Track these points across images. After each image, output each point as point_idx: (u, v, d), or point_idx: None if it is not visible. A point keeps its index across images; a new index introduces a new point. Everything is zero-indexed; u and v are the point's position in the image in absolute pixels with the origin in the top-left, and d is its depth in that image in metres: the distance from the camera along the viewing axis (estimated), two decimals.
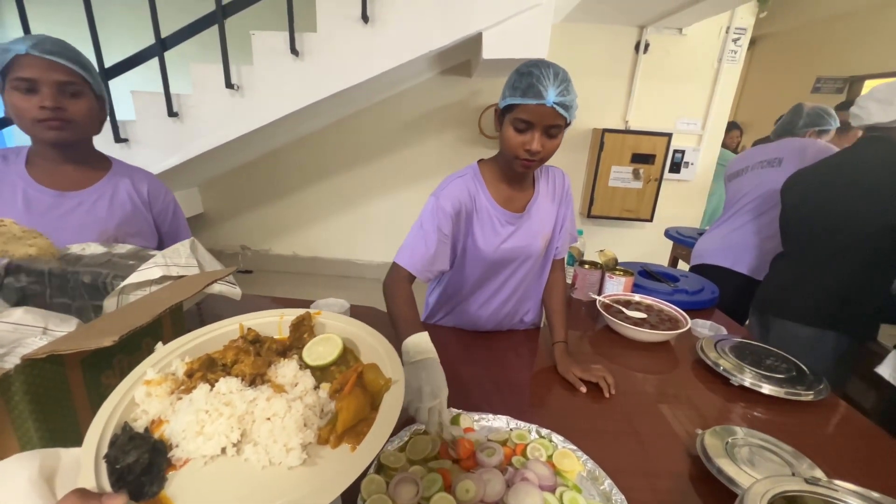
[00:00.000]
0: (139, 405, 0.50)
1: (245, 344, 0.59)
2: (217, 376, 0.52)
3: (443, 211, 0.99)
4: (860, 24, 4.05)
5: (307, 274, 3.78)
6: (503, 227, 1.06)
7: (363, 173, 3.54)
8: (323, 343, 0.59)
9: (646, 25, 3.00)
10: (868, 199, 1.27)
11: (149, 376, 0.52)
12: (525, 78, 0.86)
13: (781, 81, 4.95)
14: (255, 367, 0.54)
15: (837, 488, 0.53)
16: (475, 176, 1.05)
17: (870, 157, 1.31)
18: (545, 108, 0.86)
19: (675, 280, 1.56)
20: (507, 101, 0.90)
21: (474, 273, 1.12)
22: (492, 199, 1.04)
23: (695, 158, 3.25)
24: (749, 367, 1.03)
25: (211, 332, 0.62)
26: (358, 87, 2.10)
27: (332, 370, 0.57)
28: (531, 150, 0.90)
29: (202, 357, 0.56)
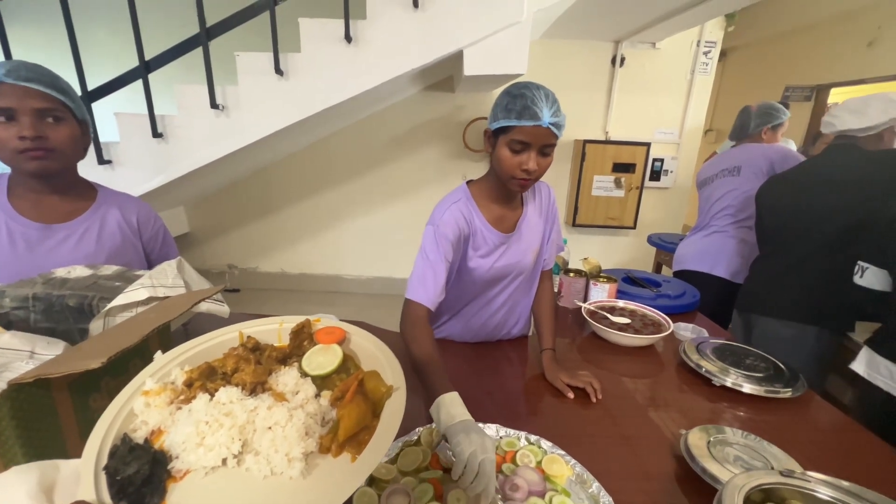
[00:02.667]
0: (138, 416, 0.50)
1: (245, 352, 0.58)
2: (217, 385, 0.52)
3: (446, 239, 0.99)
4: (823, 35, 4.26)
5: (295, 291, 3.76)
6: (496, 247, 1.07)
7: (350, 189, 3.56)
8: (323, 352, 0.59)
9: (621, 40, 3.11)
10: (841, 201, 1.34)
11: (147, 386, 0.52)
12: (519, 100, 0.88)
13: (753, 91, 5.14)
14: (255, 375, 0.53)
15: (810, 479, 0.55)
16: (468, 199, 1.05)
17: (840, 161, 1.38)
18: (541, 129, 0.88)
19: (658, 285, 1.60)
20: (503, 123, 0.91)
21: (466, 291, 1.14)
22: (485, 220, 1.05)
23: (673, 166, 3.34)
24: (730, 367, 1.06)
25: (210, 340, 0.62)
26: (342, 105, 2.13)
27: (334, 378, 0.57)
28: (528, 169, 0.91)
29: (202, 366, 0.55)
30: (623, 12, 2.47)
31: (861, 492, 0.53)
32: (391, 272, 3.64)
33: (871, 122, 1.30)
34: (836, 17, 3.94)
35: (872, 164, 1.30)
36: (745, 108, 1.92)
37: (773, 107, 1.85)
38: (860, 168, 1.32)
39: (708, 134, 3.73)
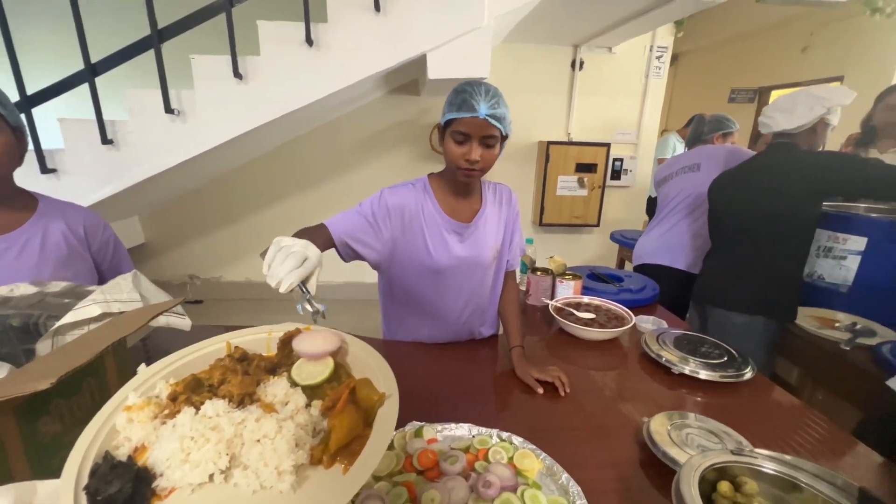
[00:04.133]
0: (121, 432, 0.47)
1: (232, 363, 0.56)
2: (202, 398, 0.50)
3: (383, 201, 1.06)
4: (763, 41, 4.56)
5: (263, 300, 3.64)
6: (450, 235, 1.11)
7: (317, 194, 3.50)
8: (313, 362, 0.58)
9: (579, 45, 3.22)
10: (782, 198, 1.43)
11: (130, 401, 0.50)
12: (459, 95, 0.95)
13: (702, 93, 5.44)
14: (242, 386, 0.52)
15: (757, 455, 0.59)
16: (425, 188, 1.11)
17: (779, 160, 1.48)
18: (478, 120, 0.94)
19: (620, 280, 1.66)
20: (446, 117, 0.98)
21: (428, 282, 1.15)
22: (440, 209, 1.10)
23: (633, 166, 3.49)
24: (688, 355, 1.12)
25: (197, 352, 0.60)
26: (305, 110, 2.09)
27: (325, 387, 0.55)
28: (470, 159, 0.97)
29: (187, 378, 0.53)
30: (579, 18, 2.56)
31: (801, 464, 0.57)
32: (361, 277, 3.59)
33: (802, 122, 1.40)
34: (774, 25, 4.24)
35: (804, 166, 1.40)
36: (699, 117, 2.04)
37: (724, 117, 1.99)
38: (795, 168, 1.42)
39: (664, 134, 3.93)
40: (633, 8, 2.32)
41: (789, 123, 1.42)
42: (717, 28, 4.69)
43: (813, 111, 1.38)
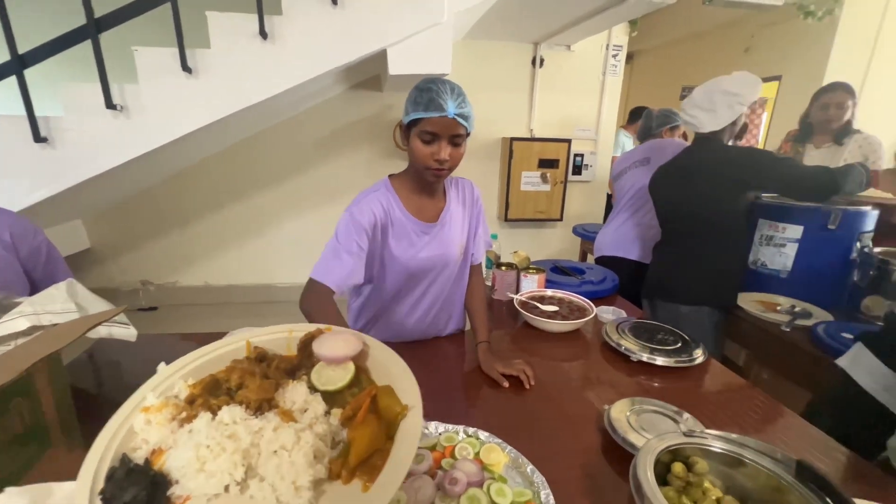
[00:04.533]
0: (138, 434, 0.47)
1: (251, 364, 0.55)
2: (220, 402, 0.49)
3: (359, 225, 1.01)
4: (709, 42, 4.81)
5: (222, 304, 3.50)
6: (419, 237, 1.09)
7: (278, 193, 3.38)
8: (333, 365, 0.56)
9: (539, 42, 3.27)
10: (708, 192, 1.51)
11: (148, 402, 0.49)
12: (425, 94, 0.92)
13: (657, 90, 5.68)
14: (261, 391, 0.50)
15: (707, 436, 0.63)
16: (388, 190, 1.08)
17: (704, 156, 1.55)
18: (447, 120, 0.93)
19: (582, 273, 1.71)
20: (412, 116, 0.95)
21: (395, 284, 1.14)
22: (406, 211, 1.07)
23: (593, 161, 3.59)
24: (645, 343, 1.16)
25: (216, 351, 0.58)
26: (261, 106, 2.01)
27: (345, 393, 0.54)
28: (440, 159, 0.96)
29: (205, 379, 0.52)
30: (537, 16, 2.60)
31: (745, 441, 0.61)
32: None
33: (726, 122, 1.47)
34: (719, 27, 4.47)
35: (725, 162, 1.47)
36: (648, 111, 2.13)
37: (670, 111, 2.08)
38: (717, 164, 1.49)
39: None
40: (588, 7, 2.38)
41: (716, 125, 1.48)
42: (669, 28, 4.89)
43: (733, 110, 1.44)
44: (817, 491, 0.54)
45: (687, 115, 1.55)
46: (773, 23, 3.92)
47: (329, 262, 1.00)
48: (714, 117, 1.48)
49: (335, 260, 1.00)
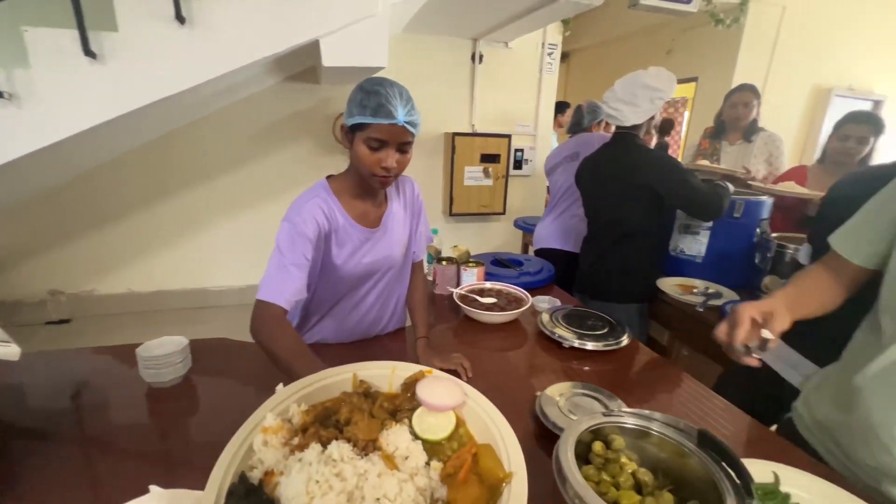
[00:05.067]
0: (256, 453, 0.51)
1: (359, 400, 0.58)
2: (330, 434, 0.53)
3: (303, 236, 0.94)
4: (635, 44, 5.12)
5: (150, 312, 3.23)
6: (362, 243, 1.06)
7: (209, 190, 3.16)
8: (434, 413, 0.56)
9: (478, 38, 3.31)
10: (623, 195, 1.59)
11: (268, 422, 0.53)
12: (373, 97, 0.87)
13: (592, 88, 5.96)
14: (367, 432, 0.53)
15: (622, 414, 0.67)
16: (329, 195, 1.01)
17: (620, 152, 1.62)
18: (397, 128, 0.89)
19: (521, 264, 1.77)
20: (358, 120, 0.89)
21: (335, 290, 1.10)
22: (348, 216, 1.02)
23: (532, 156, 3.71)
24: (576, 329, 1.22)
25: (325, 379, 0.62)
26: (183, 97, 1.86)
27: (444, 445, 0.54)
28: (387, 167, 0.91)
29: (318, 408, 0.56)
30: (472, 11, 2.63)
31: (652, 415, 0.66)
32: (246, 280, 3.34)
33: (648, 115, 1.54)
34: (643, 30, 4.78)
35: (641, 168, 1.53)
36: (578, 106, 2.23)
37: (597, 105, 2.17)
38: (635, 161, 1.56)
39: None
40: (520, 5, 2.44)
41: (638, 118, 1.54)
42: (600, 30, 5.15)
43: (654, 104, 1.52)
44: (714, 456, 0.59)
45: (610, 108, 1.59)
46: (690, 27, 4.25)
47: (276, 279, 0.91)
48: (637, 111, 1.53)
49: (283, 275, 0.91)
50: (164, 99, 1.75)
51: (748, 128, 2.25)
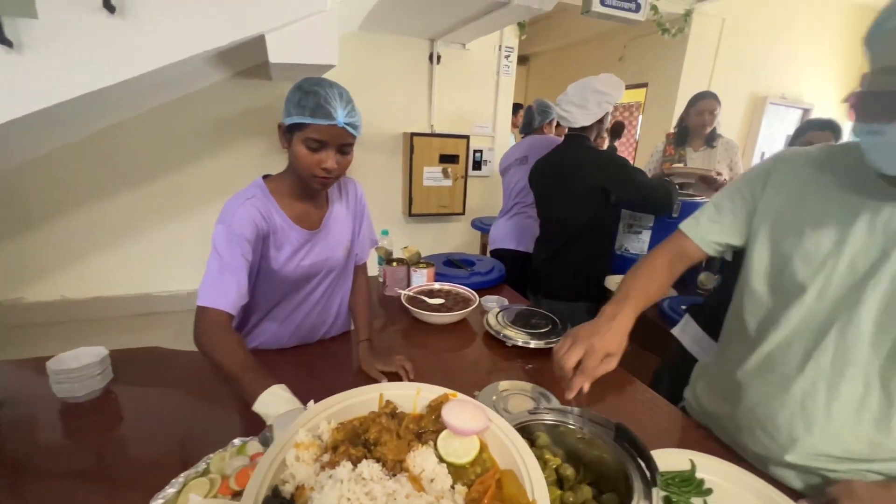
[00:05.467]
0: (289, 467, 0.53)
1: (388, 421, 0.60)
2: (359, 453, 0.55)
3: (241, 238, 0.91)
4: (590, 49, 5.30)
5: (87, 321, 3.01)
6: (301, 245, 1.03)
7: (153, 190, 2.99)
8: (459, 437, 0.58)
9: (435, 39, 3.31)
10: (574, 194, 1.64)
11: (300, 438, 0.55)
12: (311, 97, 0.85)
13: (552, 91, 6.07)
14: (396, 452, 0.55)
15: (547, 411, 0.68)
16: (266, 196, 0.98)
17: (571, 154, 1.68)
18: (337, 129, 0.87)
19: (472, 264, 1.78)
20: (296, 120, 0.86)
21: (274, 293, 1.07)
22: (286, 217, 0.99)
23: (491, 157, 3.75)
24: (520, 328, 1.24)
25: (354, 398, 0.65)
26: (115, 91, 1.75)
27: (468, 469, 0.56)
28: (327, 168, 0.89)
29: (347, 427, 0.59)
30: (426, 11, 2.62)
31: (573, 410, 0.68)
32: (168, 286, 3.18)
33: (596, 117, 1.61)
34: (597, 36, 4.95)
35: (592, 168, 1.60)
36: (528, 107, 2.27)
37: (546, 104, 2.22)
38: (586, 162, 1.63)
39: None
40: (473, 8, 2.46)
41: (587, 120, 1.61)
42: (558, 35, 5.29)
43: (601, 107, 1.60)
44: (629, 449, 0.61)
45: (562, 110, 1.66)
46: (640, 36, 4.44)
47: (217, 283, 0.87)
48: (586, 113, 1.60)
49: (224, 279, 0.88)
50: (91, 93, 1.63)
51: (710, 135, 2.29)
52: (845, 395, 0.65)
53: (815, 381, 0.67)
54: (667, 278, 0.85)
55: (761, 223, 0.76)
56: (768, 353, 0.74)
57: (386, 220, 3.58)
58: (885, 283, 0.60)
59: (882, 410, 0.63)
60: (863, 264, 0.62)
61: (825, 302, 0.66)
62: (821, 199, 0.67)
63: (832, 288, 0.65)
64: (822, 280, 0.66)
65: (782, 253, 0.72)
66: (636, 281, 0.82)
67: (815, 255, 0.66)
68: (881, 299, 0.60)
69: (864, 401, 0.64)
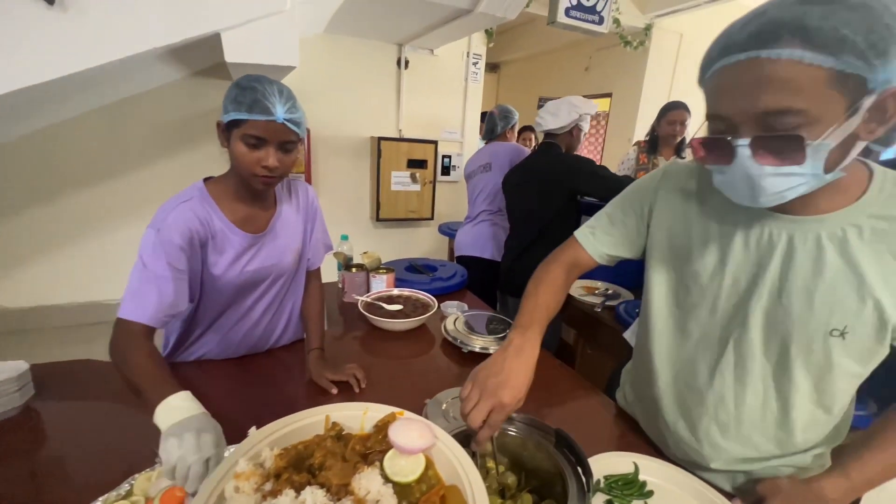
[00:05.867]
0: (227, 500, 0.50)
1: (333, 444, 0.59)
2: (303, 479, 0.53)
3: (171, 245, 0.86)
4: (558, 59, 5.43)
5: (20, 332, 2.80)
6: (246, 249, 0.99)
7: (105, 191, 2.83)
8: (406, 455, 0.58)
9: (403, 44, 3.31)
10: (544, 193, 1.71)
11: (240, 468, 0.53)
12: (249, 93, 0.82)
13: (522, 98, 6.21)
14: (341, 477, 0.54)
15: None
16: (204, 198, 0.93)
17: (544, 158, 1.78)
18: (276, 125, 0.84)
19: (434, 270, 1.77)
20: (233, 116, 0.83)
21: (220, 300, 1.02)
22: (228, 221, 0.95)
23: (459, 162, 3.77)
24: (477, 334, 1.24)
25: (299, 421, 0.63)
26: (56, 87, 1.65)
27: (414, 487, 0.56)
28: (269, 166, 0.86)
29: (291, 452, 0.57)
30: (390, 16, 2.61)
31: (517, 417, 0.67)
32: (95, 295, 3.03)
33: (563, 122, 1.73)
34: (564, 46, 5.07)
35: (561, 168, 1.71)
36: (490, 113, 2.29)
37: (508, 110, 2.25)
38: (556, 166, 1.73)
39: None
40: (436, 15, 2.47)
41: (555, 124, 1.74)
42: (527, 43, 5.39)
43: (570, 115, 1.73)
44: (568, 455, 0.61)
45: (539, 117, 1.80)
46: (605, 47, 4.58)
47: (137, 293, 0.83)
48: (555, 118, 1.74)
49: (146, 289, 0.84)
50: (26, 90, 1.53)
51: (680, 144, 2.34)
52: (749, 401, 0.69)
53: (723, 392, 0.70)
54: (565, 289, 0.87)
55: (654, 246, 0.78)
56: (678, 371, 0.77)
57: (352, 225, 3.53)
58: (765, 297, 0.63)
59: (781, 411, 0.67)
60: (744, 280, 0.65)
61: (718, 319, 0.69)
62: (704, 219, 0.70)
63: (722, 305, 0.68)
64: (712, 299, 0.69)
65: (675, 275, 0.74)
66: (539, 299, 0.82)
67: (703, 275, 0.69)
68: (763, 313, 0.64)
69: (766, 404, 0.68)
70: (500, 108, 2.24)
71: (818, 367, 0.62)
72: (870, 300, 0.56)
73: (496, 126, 2.24)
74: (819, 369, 0.62)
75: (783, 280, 0.61)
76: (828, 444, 0.73)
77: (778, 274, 0.62)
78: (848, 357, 0.60)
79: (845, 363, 0.61)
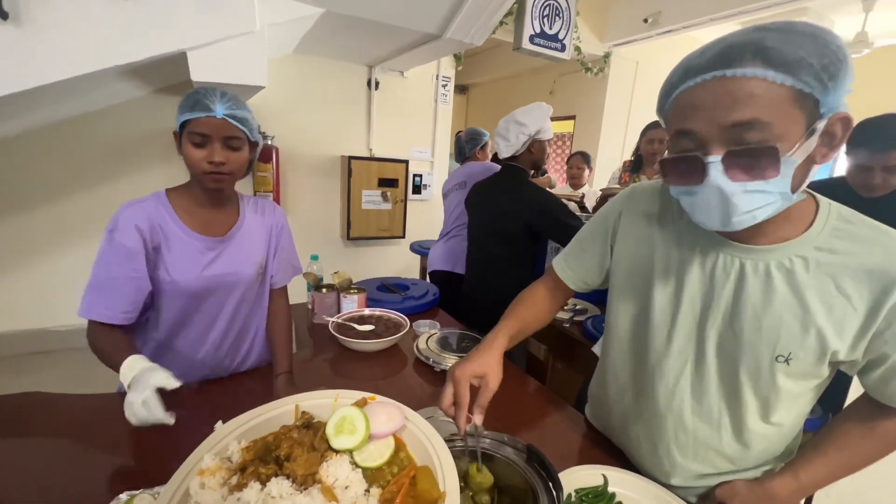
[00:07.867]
0: (192, 497, 0.50)
1: (300, 434, 0.58)
2: (269, 471, 0.53)
3: (121, 246, 0.89)
4: (524, 82, 5.65)
5: None
6: (202, 253, 0.99)
7: (57, 212, 2.68)
8: (374, 440, 0.57)
9: (373, 65, 3.36)
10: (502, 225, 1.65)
11: (205, 463, 0.53)
12: (192, 96, 0.90)
13: (492, 119, 6.38)
14: (307, 466, 0.54)
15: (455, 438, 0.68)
16: (159, 202, 0.97)
17: (502, 182, 1.71)
18: (216, 120, 0.88)
19: (406, 289, 1.77)
20: (180, 119, 0.90)
21: (176, 308, 1.00)
22: (184, 226, 0.97)
23: (430, 181, 3.82)
24: (448, 352, 1.24)
25: (267, 413, 0.62)
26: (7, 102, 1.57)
27: (384, 470, 0.56)
28: (214, 161, 0.90)
29: (258, 444, 0.57)
30: (359, 38, 2.66)
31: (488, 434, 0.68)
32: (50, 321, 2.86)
33: (516, 147, 1.64)
34: (530, 71, 5.29)
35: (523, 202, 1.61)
36: (458, 135, 2.35)
37: (477, 132, 2.32)
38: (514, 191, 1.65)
39: None
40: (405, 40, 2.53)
41: (508, 152, 1.66)
42: (495, 67, 5.59)
43: (519, 139, 1.63)
44: (538, 469, 0.62)
45: (495, 143, 1.73)
46: (568, 72, 4.81)
47: (102, 293, 0.90)
48: (507, 145, 1.65)
49: (109, 289, 0.91)
50: None
51: None
52: (705, 420, 0.71)
53: (681, 413, 0.72)
54: (549, 305, 0.91)
55: (616, 270, 0.80)
56: (638, 392, 0.80)
57: (323, 244, 3.49)
58: (719, 322, 0.66)
59: (735, 428, 0.70)
60: (701, 306, 0.67)
61: (677, 344, 0.71)
62: (664, 244, 0.72)
63: (679, 331, 0.70)
64: (670, 325, 0.71)
65: (636, 299, 0.76)
66: (516, 307, 0.87)
67: (662, 300, 0.71)
68: (716, 337, 0.66)
69: (720, 422, 0.70)
70: (467, 132, 2.30)
71: (766, 389, 0.64)
72: (813, 329, 0.58)
73: (464, 149, 2.30)
74: (766, 391, 0.64)
75: (735, 306, 0.63)
76: (778, 462, 0.75)
77: (731, 300, 0.63)
78: (791, 380, 0.63)
79: (789, 385, 0.63)
